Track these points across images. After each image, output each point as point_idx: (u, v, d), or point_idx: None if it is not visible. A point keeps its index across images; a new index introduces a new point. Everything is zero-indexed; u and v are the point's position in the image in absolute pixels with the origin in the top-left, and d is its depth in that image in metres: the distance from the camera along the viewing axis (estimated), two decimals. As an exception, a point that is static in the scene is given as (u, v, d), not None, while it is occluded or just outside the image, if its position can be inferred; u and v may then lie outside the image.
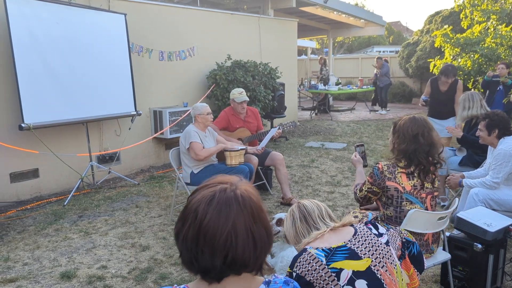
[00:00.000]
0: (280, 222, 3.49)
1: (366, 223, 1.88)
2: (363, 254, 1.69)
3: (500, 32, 9.02)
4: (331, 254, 1.69)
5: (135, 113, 6.11)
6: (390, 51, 21.67)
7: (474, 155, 4.47)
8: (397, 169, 2.66)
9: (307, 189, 5.53)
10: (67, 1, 5.35)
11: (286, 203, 4.91)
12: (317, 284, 1.64)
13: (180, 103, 7.14)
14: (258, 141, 5.12)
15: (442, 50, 10.63)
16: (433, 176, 2.73)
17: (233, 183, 1.18)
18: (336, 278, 1.64)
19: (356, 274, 1.65)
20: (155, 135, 6.65)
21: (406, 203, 2.65)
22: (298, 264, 1.69)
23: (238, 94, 5.07)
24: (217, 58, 7.67)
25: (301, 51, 21.25)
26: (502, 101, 6.25)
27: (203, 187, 1.19)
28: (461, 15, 11.08)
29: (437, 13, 15.57)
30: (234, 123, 5.13)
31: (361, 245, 1.72)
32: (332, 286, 1.63)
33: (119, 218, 4.59)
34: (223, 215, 1.09)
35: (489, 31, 9.67)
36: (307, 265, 1.66)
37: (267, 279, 1.22)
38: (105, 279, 3.30)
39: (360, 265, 1.67)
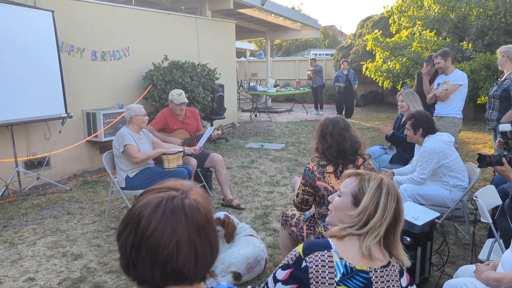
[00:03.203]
0: (218, 221, 3.44)
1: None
2: None
3: (425, 37, 9.66)
4: (349, 275, 1.45)
5: (65, 115, 5.79)
6: (326, 54, 22.37)
7: (403, 152, 4.71)
8: (326, 169, 2.74)
9: (247, 189, 5.54)
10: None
11: (227, 205, 4.89)
12: None
13: (115, 104, 6.88)
14: (197, 142, 5.04)
15: (373, 53, 11.18)
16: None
17: (184, 190, 1.08)
18: None
19: None
20: (88, 138, 6.35)
21: (337, 202, 2.73)
22: (314, 256, 1.46)
23: (177, 95, 4.97)
24: (153, 59, 7.48)
25: (240, 53, 21.35)
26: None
27: (152, 190, 1.09)
28: (390, 21, 11.73)
29: (368, 18, 16.32)
30: (172, 125, 5.02)
31: (381, 283, 1.48)
32: None
33: (49, 227, 4.32)
34: (168, 227, 1.01)
35: (415, 36, 10.31)
36: (320, 267, 1.45)
37: (209, 286, 1.17)
38: (33, 292, 3.10)
39: None
